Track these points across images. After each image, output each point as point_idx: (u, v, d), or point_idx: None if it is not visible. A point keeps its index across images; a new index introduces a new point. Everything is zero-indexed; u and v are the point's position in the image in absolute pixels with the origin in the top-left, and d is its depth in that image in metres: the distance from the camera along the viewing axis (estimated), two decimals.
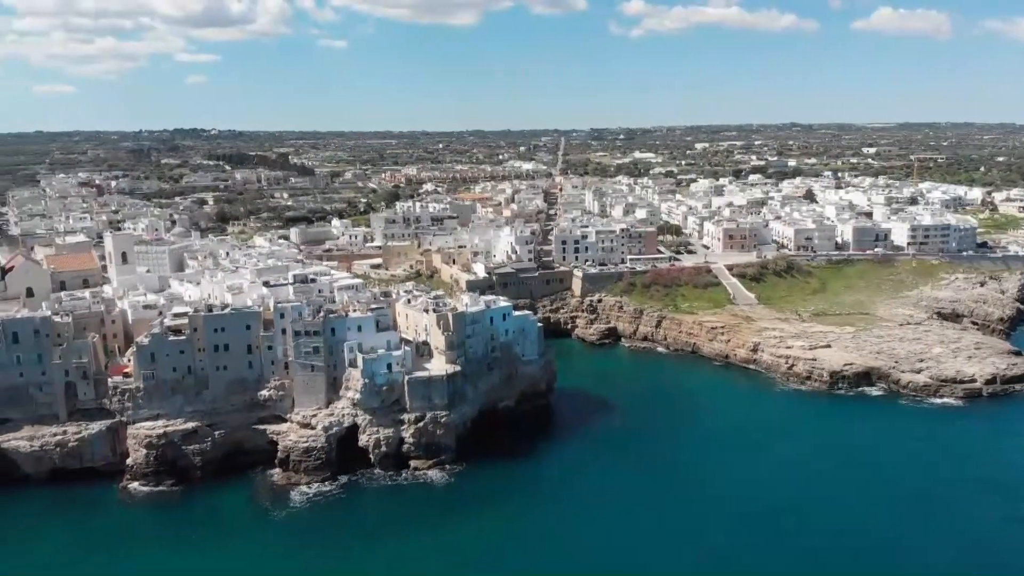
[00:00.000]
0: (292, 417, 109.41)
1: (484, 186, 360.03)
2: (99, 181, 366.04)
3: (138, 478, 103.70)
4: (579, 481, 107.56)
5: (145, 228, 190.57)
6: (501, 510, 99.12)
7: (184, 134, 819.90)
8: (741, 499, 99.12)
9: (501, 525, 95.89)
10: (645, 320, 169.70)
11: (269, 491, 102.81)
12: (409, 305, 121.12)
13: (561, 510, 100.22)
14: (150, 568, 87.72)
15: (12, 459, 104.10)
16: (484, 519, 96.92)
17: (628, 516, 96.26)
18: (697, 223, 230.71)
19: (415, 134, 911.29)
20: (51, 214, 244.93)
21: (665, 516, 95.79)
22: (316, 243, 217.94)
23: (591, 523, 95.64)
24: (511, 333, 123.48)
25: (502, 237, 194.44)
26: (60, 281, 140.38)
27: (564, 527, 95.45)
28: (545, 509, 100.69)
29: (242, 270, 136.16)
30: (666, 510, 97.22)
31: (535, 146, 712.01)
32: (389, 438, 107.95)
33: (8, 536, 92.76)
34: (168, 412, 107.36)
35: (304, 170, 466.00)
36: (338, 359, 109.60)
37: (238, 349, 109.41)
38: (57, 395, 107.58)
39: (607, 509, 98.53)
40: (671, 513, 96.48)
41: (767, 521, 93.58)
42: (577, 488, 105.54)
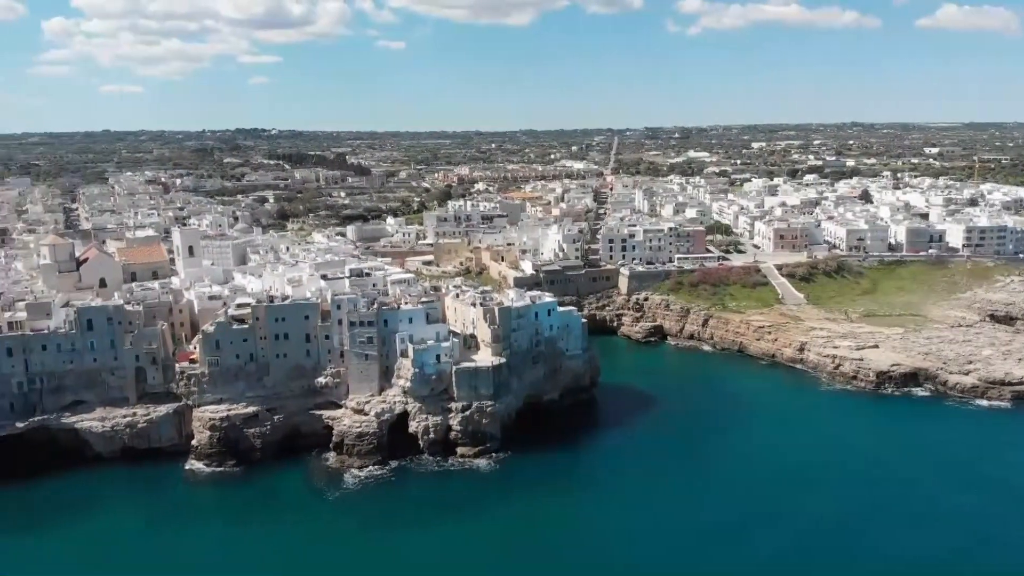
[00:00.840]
0: (347, 403, 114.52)
1: (534, 185, 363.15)
2: (165, 179, 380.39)
3: (202, 458, 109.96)
4: (620, 473, 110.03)
5: (209, 224, 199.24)
6: (544, 498, 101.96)
7: (246, 134, 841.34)
8: (778, 499, 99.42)
9: (543, 512, 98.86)
10: (691, 319, 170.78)
11: (324, 473, 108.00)
12: (458, 299, 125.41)
13: (601, 501, 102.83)
14: (212, 542, 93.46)
15: (85, 439, 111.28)
16: (527, 506, 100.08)
17: (666, 510, 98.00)
18: (748, 223, 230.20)
19: (469, 134, 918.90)
20: (120, 210, 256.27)
21: (703, 513, 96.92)
22: (371, 240, 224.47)
23: (630, 514, 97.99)
24: (555, 328, 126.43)
25: (550, 235, 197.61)
26: (131, 272, 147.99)
27: (604, 517, 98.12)
28: (586, 499, 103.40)
29: (301, 264, 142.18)
30: (705, 507, 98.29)
31: (587, 145, 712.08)
32: (437, 425, 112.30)
33: (81, 510, 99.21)
34: (231, 397, 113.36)
35: (361, 170, 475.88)
36: (390, 349, 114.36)
37: (297, 338, 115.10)
38: (128, 379, 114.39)
39: (646, 502, 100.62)
40: (709, 510, 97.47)
41: (799, 522, 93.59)
42: (617, 480, 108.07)
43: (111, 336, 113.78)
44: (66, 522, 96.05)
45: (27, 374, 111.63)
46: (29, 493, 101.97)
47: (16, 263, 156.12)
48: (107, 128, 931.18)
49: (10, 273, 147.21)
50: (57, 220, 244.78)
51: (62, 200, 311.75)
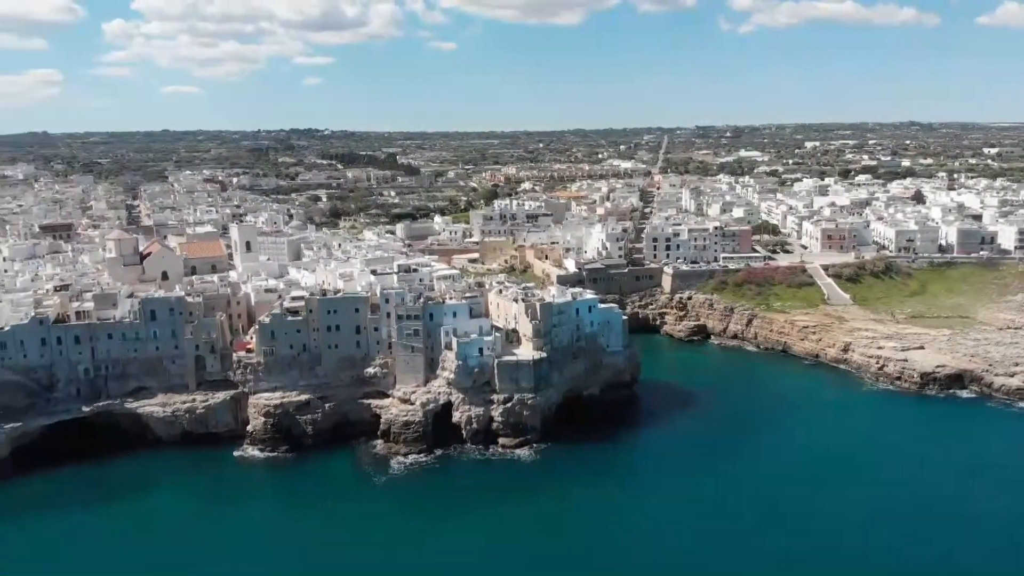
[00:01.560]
0: (394, 393, 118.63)
1: (580, 184, 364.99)
2: (222, 177, 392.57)
3: (256, 443, 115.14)
4: (658, 467, 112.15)
5: (265, 221, 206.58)
6: (582, 488, 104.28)
7: (300, 134, 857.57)
8: (814, 498, 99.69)
9: (581, 502, 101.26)
10: (735, 318, 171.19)
11: (371, 459, 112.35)
12: (500, 295, 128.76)
13: (638, 493, 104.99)
14: (264, 522, 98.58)
15: (147, 423, 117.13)
16: (565, 495, 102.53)
17: (702, 505, 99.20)
18: (796, 223, 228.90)
19: (517, 134, 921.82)
20: (180, 207, 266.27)
21: (738, 509, 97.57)
22: (419, 238, 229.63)
23: (666, 507, 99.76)
24: (596, 324, 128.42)
25: (593, 234, 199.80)
26: (191, 266, 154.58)
27: (640, 509, 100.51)
28: (623, 491, 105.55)
29: (352, 260, 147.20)
30: (741, 504, 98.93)
31: (636, 145, 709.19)
32: (480, 416, 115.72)
33: (142, 490, 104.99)
34: (284, 385, 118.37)
35: (410, 169, 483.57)
36: (435, 342, 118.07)
37: (348, 330, 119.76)
38: (188, 367, 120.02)
39: (682, 496, 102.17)
40: (745, 507, 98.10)
41: (833, 522, 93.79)
42: (655, 473, 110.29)
43: (173, 326, 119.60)
44: (128, 500, 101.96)
45: (93, 361, 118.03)
46: (94, 473, 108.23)
47: (83, 256, 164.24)
48: (166, 128, 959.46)
49: (77, 266, 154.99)
50: (120, 216, 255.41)
51: (124, 197, 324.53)
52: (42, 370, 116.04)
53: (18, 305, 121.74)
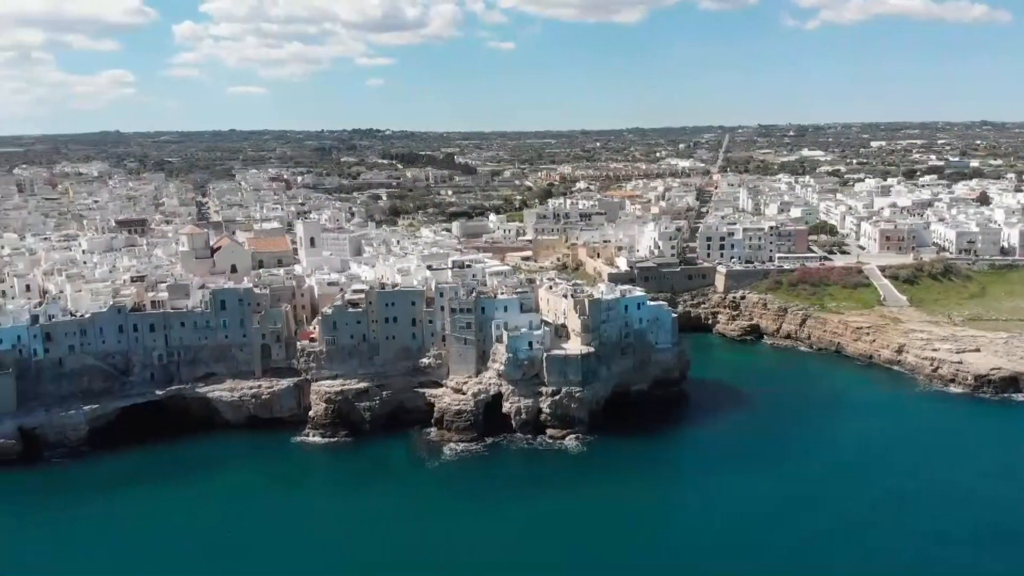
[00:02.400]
0: (447, 383, 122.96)
1: (636, 184, 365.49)
2: (287, 176, 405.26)
3: (317, 428, 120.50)
4: (704, 462, 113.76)
5: (328, 218, 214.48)
6: (627, 479, 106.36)
7: (361, 134, 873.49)
8: (862, 499, 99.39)
9: (626, 492, 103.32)
10: (789, 318, 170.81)
11: (425, 445, 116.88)
12: (550, 291, 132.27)
13: (684, 487, 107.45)
14: (324, 502, 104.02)
15: (215, 407, 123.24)
16: (611, 486, 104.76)
17: (747, 502, 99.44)
18: (855, 223, 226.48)
19: (574, 133, 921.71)
20: (247, 204, 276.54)
21: (783, 506, 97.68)
22: (474, 236, 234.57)
23: (710, 502, 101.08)
24: (645, 321, 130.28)
25: (646, 232, 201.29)
26: (259, 260, 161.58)
27: (684, 502, 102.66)
28: (668, 484, 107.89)
29: (409, 256, 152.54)
30: (785, 501, 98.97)
31: (696, 143, 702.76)
32: (529, 407, 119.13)
33: (209, 470, 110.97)
34: (344, 373, 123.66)
35: (467, 169, 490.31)
36: (487, 335, 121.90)
37: (404, 322, 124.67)
38: (254, 354, 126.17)
39: (728, 492, 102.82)
40: (790, 504, 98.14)
41: (882, 525, 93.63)
42: (701, 468, 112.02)
43: (241, 316, 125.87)
44: (196, 479, 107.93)
45: (167, 347, 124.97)
46: (165, 453, 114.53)
47: (157, 250, 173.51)
48: (233, 127, 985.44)
49: (152, 258, 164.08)
50: (190, 212, 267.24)
51: (194, 194, 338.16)
52: (119, 355, 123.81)
53: (97, 294, 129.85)
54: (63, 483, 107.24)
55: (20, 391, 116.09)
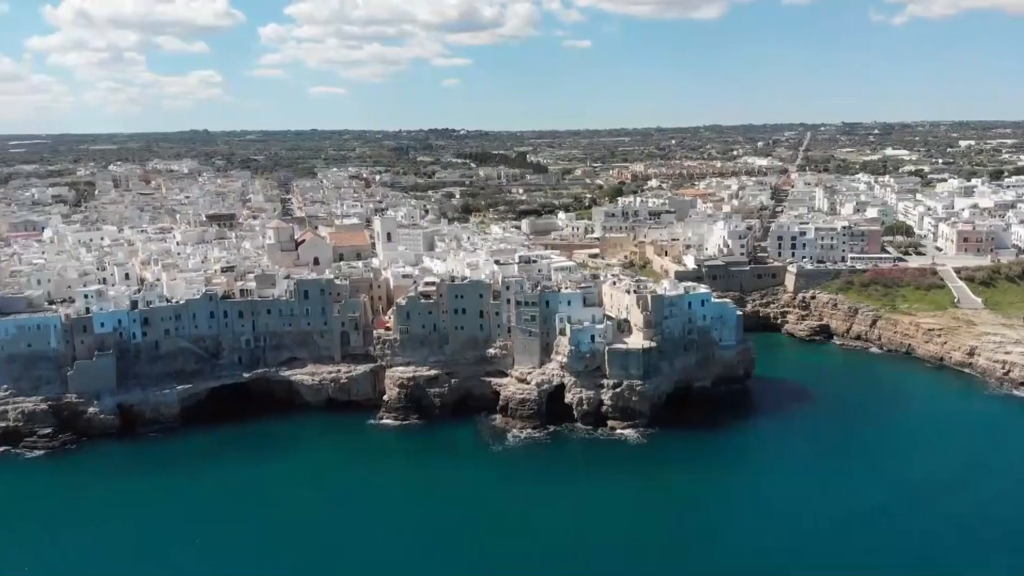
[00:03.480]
0: (512, 372, 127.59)
1: (709, 182, 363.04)
2: (366, 175, 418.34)
3: (391, 412, 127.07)
4: (765, 458, 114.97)
5: (404, 215, 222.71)
6: (687, 471, 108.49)
7: (437, 134, 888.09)
8: (920, 500, 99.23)
9: (684, 484, 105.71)
10: (859, 319, 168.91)
11: (490, 431, 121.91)
12: (614, 286, 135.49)
13: (743, 481, 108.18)
14: (395, 479, 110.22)
15: (297, 390, 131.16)
16: (671, 476, 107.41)
17: (805, 499, 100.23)
18: (932, 224, 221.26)
19: (649, 131, 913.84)
20: (328, 201, 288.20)
21: (841, 505, 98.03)
22: (543, 233, 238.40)
23: (769, 497, 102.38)
24: (709, 318, 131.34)
25: (715, 231, 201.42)
26: (339, 253, 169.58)
27: (742, 496, 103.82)
28: (728, 477, 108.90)
29: (479, 251, 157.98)
30: (844, 500, 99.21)
31: (775, 141, 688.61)
32: (590, 398, 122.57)
33: (290, 448, 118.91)
34: (416, 360, 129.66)
35: (538, 167, 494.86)
36: (551, 327, 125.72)
37: (473, 313, 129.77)
38: (334, 341, 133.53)
39: (787, 488, 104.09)
40: (848, 503, 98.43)
41: (940, 527, 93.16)
42: (762, 464, 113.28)
43: (322, 305, 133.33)
44: (278, 456, 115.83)
45: (254, 333, 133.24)
46: (250, 431, 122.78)
47: (245, 242, 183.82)
48: (315, 127, 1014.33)
49: (240, 250, 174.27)
50: (275, 208, 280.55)
51: (279, 191, 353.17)
52: (210, 340, 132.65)
53: (191, 283, 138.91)
54: (156, 456, 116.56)
55: (120, 371, 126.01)
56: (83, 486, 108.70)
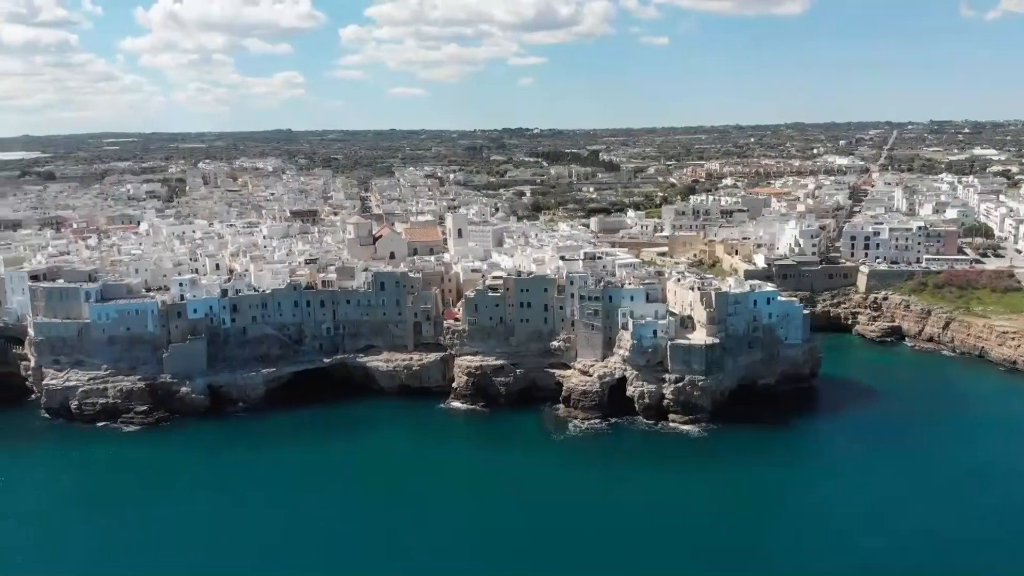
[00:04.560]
0: (574, 365, 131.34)
1: (785, 181, 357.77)
2: (440, 174, 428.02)
3: (459, 398, 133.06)
4: (828, 457, 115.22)
5: (475, 212, 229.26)
6: (747, 465, 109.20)
7: (511, 133, 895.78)
8: (982, 505, 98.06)
9: (745, 477, 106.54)
10: (932, 321, 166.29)
11: (553, 420, 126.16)
12: (678, 283, 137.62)
13: (805, 479, 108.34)
14: (462, 460, 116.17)
15: (373, 375, 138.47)
16: (731, 470, 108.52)
17: (867, 499, 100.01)
18: (1013, 226, 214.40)
19: (727, 128, 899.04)
20: (404, 199, 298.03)
21: (904, 506, 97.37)
22: (611, 231, 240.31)
23: (830, 495, 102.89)
24: (774, 317, 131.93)
25: (787, 230, 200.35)
26: (413, 248, 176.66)
27: (803, 493, 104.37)
28: (789, 474, 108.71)
29: (545, 247, 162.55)
30: (908, 501, 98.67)
31: (858, 140, 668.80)
32: (652, 392, 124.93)
33: (365, 429, 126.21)
34: (484, 350, 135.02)
35: (611, 166, 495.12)
36: (613, 322, 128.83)
37: (538, 307, 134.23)
38: (408, 330, 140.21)
39: (849, 487, 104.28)
40: (911, 504, 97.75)
41: (996, 531, 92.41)
42: (825, 462, 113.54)
43: (397, 296, 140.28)
44: (355, 436, 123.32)
45: (334, 321, 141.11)
46: (329, 413, 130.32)
47: (326, 237, 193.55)
48: (393, 127, 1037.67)
49: (322, 244, 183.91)
50: (355, 205, 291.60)
51: (358, 189, 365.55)
52: (293, 327, 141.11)
53: (276, 274, 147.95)
54: (242, 434, 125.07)
55: (210, 354, 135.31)
56: (174, 460, 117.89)
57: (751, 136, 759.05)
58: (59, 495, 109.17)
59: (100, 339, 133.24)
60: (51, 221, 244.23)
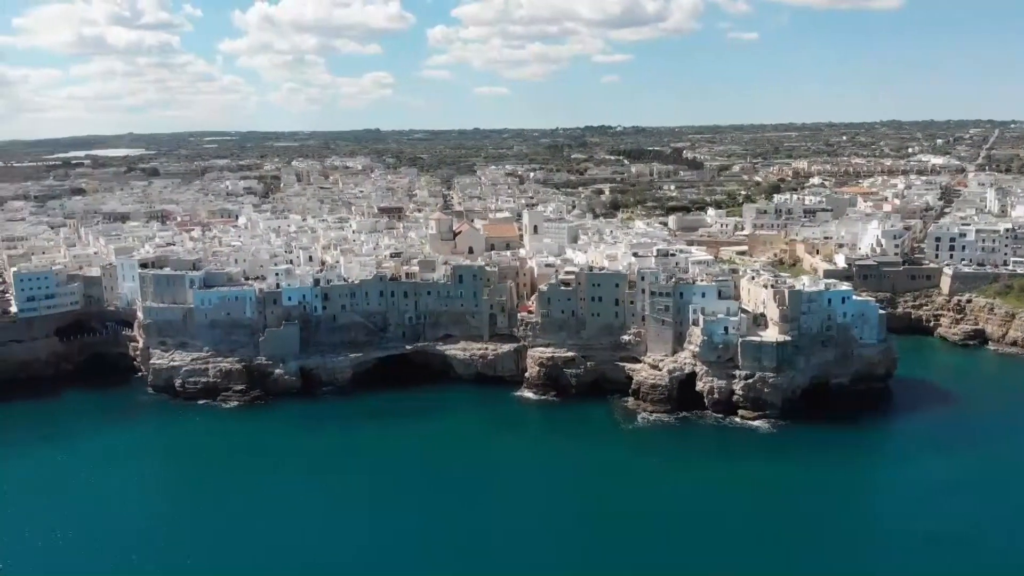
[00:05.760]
0: (644, 359, 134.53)
1: (874, 180, 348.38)
2: (521, 172, 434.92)
3: (531, 387, 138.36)
4: (901, 458, 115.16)
5: (552, 210, 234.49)
6: (815, 464, 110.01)
7: (593, 131, 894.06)
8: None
9: (813, 475, 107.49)
10: (1017, 324, 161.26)
11: (622, 411, 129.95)
12: (752, 281, 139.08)
13: (872, 478, 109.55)
14: (532, 446, 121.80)
15: (450, 363, 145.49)
16: (798, 465, 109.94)
17: (938, 502, 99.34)
18: None
19: (819, 126, 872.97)
20: (484, 196, 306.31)
21: (978, 511, 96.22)
22: (690, 229, 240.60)
23: (897, 496, 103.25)
24: (849, 316, 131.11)
25: (869, 230, 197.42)
26: (491, 243, 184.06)
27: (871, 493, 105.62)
28: (859, 473, 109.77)
29: (619, 244, 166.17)
30: (981, 506, 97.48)
31: (956, 139, 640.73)
32: (722, 388, 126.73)
33: (444, 412, 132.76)
34: (555, 342, 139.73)
35: (694, 164, 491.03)
36: (684, 318, 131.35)
37: (608, 301, 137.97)
38: (484, 321, 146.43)
39: (921, 490, 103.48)
40: (985, 509, 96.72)
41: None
42: (897, 463, 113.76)
43: (475, 288, 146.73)
44: (433, 418, 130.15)
45: (415, 311, 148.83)
46: (410, 397, 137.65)
47: (410, 232, 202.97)
48: (477, 127, 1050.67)
49: (406, 239, 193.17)
50: (437, 202, 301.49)
51: (441, 187, 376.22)
52: (378, 315, 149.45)
53: (364, 266, 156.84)
54: (330, 414, 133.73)
55: (302, 339, 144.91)
56: (268, 435, 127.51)
57: (843, 134, 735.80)
58: (164, 464, 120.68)
59: (203, 323, 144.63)
60: (157, 214, 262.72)
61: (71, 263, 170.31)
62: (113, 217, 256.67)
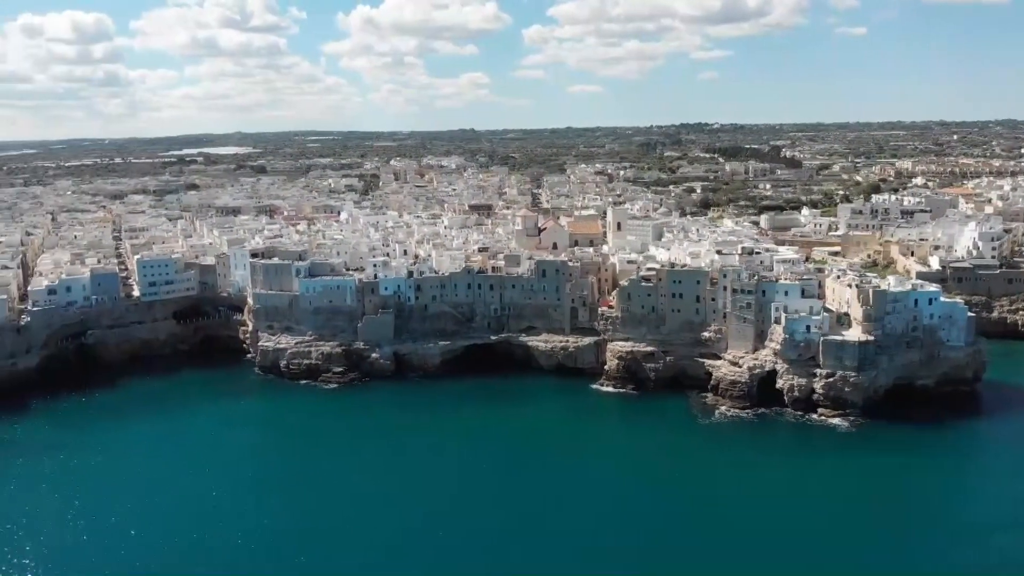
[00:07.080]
0: (724, 356, 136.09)
1: (979, 181, 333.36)
2: (611, 171, 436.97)
3: (610, 380, 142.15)
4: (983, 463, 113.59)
5: (639, 208, 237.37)
6: (895, 464, 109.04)
7: (689, 128, 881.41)
8: None
9: (892, 475, 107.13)
10: None
11: (700, 406, 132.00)
12: (837, 280, 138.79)
13: (954, 480, 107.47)
14: (612, 435, 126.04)
15: (532, 354, 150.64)
16: (878, 465, 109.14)
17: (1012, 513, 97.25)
18: None
19: (928, 124, 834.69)
20: (572, 195, 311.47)
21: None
22: (782, 229, 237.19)
23: (979, 501, 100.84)
24: (936, 317, 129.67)
25: (965, 232, 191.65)
26: (575, 240, 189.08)
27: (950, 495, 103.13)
28: (936, 477, 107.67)
29: (703, 241, 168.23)
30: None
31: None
32: (802, 386, 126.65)
33: (526, 400, 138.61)
34: (635, 337, 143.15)
35: (792, 162, 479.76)
36: (766, 315, 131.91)
37: (690, 298, 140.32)
38: (565, 315, 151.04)
39: (1004, 496, 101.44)
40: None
41: None
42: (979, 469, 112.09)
43: (557, 283, 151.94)
44: (515, 405, 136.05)
45: (501, 303, 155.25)
46: (493, 384, 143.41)
47: (498, 228, 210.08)
48: (570, 125, 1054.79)
49: (494, 235, 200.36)
50: (526, 200, 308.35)
51: (530, 186, 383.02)
52: (466, 306, 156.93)
53: (454, 259, 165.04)
54: (420, 397, 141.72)
55: (396, 326, 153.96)
56: (364, 414, 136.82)
57: (955, 133, 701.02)
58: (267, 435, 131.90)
59: (307, 309, 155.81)
60: (265, 208, 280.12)
61: (188, 252, 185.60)
62: (225, 211, 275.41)
